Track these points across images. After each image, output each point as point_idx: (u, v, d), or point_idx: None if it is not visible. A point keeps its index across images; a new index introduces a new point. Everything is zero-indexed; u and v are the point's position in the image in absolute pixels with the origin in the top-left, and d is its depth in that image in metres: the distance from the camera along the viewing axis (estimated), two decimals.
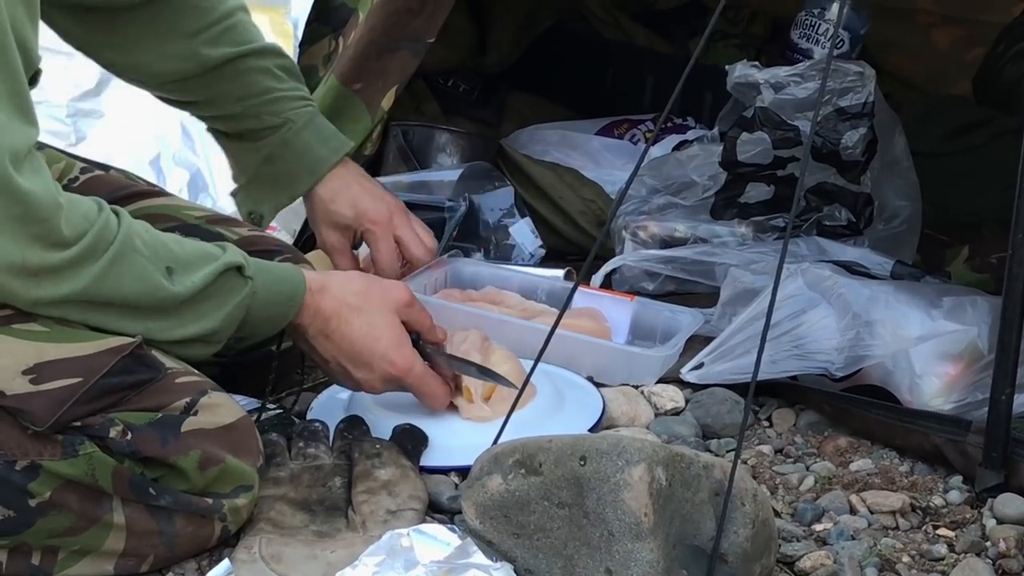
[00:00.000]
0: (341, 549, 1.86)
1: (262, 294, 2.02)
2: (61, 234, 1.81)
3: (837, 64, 2.90)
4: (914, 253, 3.03)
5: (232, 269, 1.98)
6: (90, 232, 1.84)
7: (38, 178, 1.81)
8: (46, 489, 1.82)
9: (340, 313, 2.12)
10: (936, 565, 1.99)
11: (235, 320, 1.99)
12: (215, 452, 1.89)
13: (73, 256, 1.83)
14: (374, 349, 2.14)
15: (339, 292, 2.13)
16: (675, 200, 3.03)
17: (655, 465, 1.74)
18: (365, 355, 2.14)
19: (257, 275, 2.01)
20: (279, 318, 2.08)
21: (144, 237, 1.92)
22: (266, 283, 2.03)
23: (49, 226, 1.80)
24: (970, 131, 3.42)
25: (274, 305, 2.06)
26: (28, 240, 1.79)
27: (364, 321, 2.14)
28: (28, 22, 1.84)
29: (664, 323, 2.67)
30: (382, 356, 2.15)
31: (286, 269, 2.11)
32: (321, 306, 2.11)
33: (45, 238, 1.80)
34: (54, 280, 1.83)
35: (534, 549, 1.79)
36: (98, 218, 1.86)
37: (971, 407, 2.30)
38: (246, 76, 2.47)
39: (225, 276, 1.97)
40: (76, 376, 1.83)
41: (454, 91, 3.70)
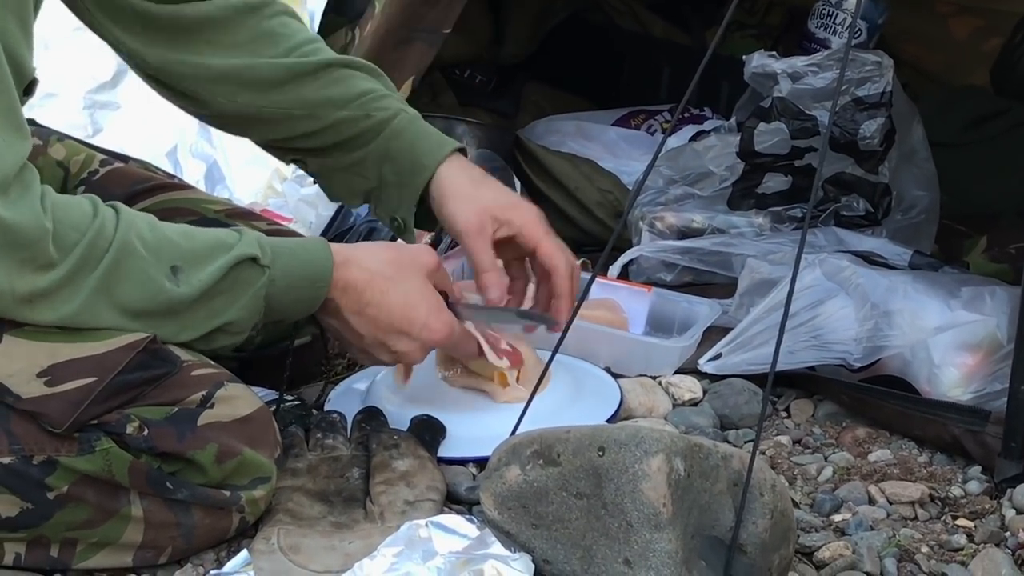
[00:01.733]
0: (359, 540, 1.86)
1: (283, 280, 1.96)
2: (49, 256, 1.79)
3: (855, 54, 2.89)
4: (932, 243, 3.02)
5: (246, 260, 1.93)
6: (80, 244, 1.82)
7: (24, 201, 1.78)
8: (63, 483, 1.82)
9: (373, 284, 2.05)
10: (955, 555, 1.99)
11: (255, 311, 1.96)
12: (232, 445, 1.88)
13: (63, 275, 1.81)
14: (413, 318, 2.08)
15: (368, 263, 2.06)
16: (692, 191, 3.03)
17: (673, 456, 1.74)
18: (404, 325, 2.07)
19: (276, 261, 1.96)
20: (309, 300, 2.02)
21: (146, 236, 1.88)
22: (287, 267, 1.97)
23: (36, 249, 1.78)
24: (988, 121, 3.42)
25: (299, 289, 1.99)
26: (16, 266, 1.78)
27: (400, 290, 2.06)
28: (20, 34, 1.82)
29: (682, 314, 2.66)
30: (423, 325, 2.08)
31: (311, 249, 2.03)
32: (351, 280, 2.03)
33: (33, 261, 1.78)
34: (49, 302, 1.82)
35: (552, 540, 1.79)
36: (91, 226, 1.83)
37: (990, 397, 2.29)
38: (346, 81, 2.33)
39: (239, 268, 1.93)
40: (91, 375, 1.83)
41: (470, 82, 3.70)
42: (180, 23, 2.23)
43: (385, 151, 2.31)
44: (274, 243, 1.98)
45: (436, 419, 2.17)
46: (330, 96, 2.30)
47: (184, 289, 1.89)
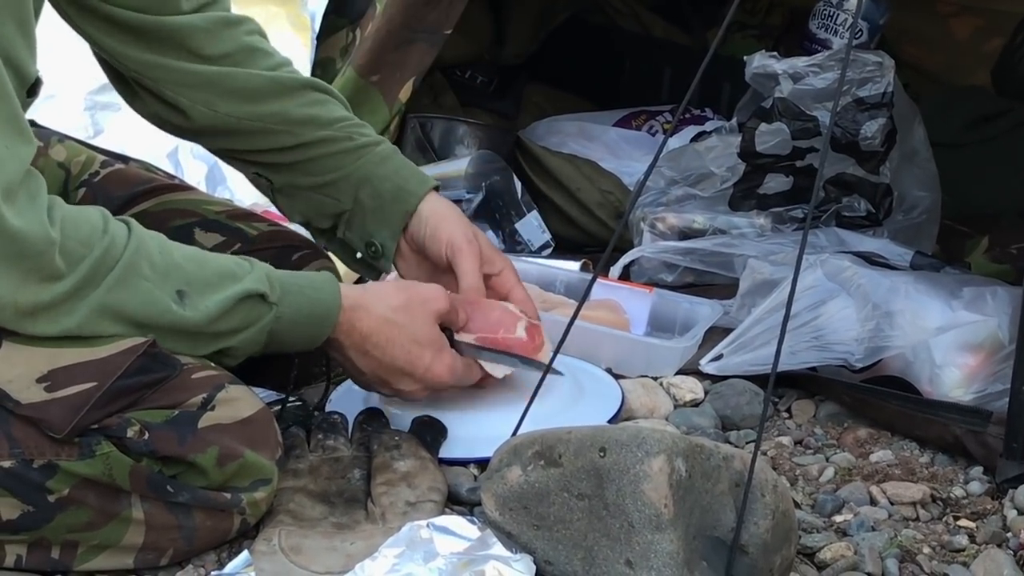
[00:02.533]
0: (360, 541, 1.86)
1: (289, 317, 1.98)
2: (55, 267, 1.79)
3: (856, 54, 2.90)
4: (933, 244, 3.02)
5: (254, 296, 1.94)
6: (88, 259, 1.82)
7: (31, 210, 1.78)
8: (64, 486, 1.81)
9: (380, 331, 2.08)
10: (957, 556, 1.99)
11: (256, 344, 1.97)
12: (233, 447, 1.88)
13: (68, 289, 1.81)
14: (416, 364, 2.11)
15: (377, 309, 2.08)
16: (693, 191, 3.03)
17: (675, 456, 1.74)
18: (408, 369, 2.11)
19: (284, 298, 1.97)
20: (312, 337, 2.04)
21: (155, 259, 1.88)
22: (295, 305, 1.98)
23: (42, 261, 1.78)
24: (989, 121, 3.42)
25: (304, 327, 2.01)
26: (20, 277, 1.77)
27: (406, 338, 2.10)
28: (18, 36, 1.81)
29: (683, 314, 2.67)
30: (426, 368, 2.12)
31: (320, 287, 2.04)
32: (357, 325, 2.06)
33: (38, 272, 1.78)
34: (52, 314, 1.82)
35: (554, 541, 1.79)
36: (100, 241, 1.83)
37: (991, 398, 2.29)
38: (326, 104, 2.34)
39: (246, 303, 1.93)
40: (91, 380, 1.82)
41: (471, 83, 3.70)
42: (164, 30, 2.22)
43: (366, 175, 2.32)
44: (284, 279, 1.99)
45: (437, 420, 2.17)
46: (312, 115, 2.31)
47: (190, 313, 1.89)
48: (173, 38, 2.22)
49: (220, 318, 1.92)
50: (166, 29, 2.22)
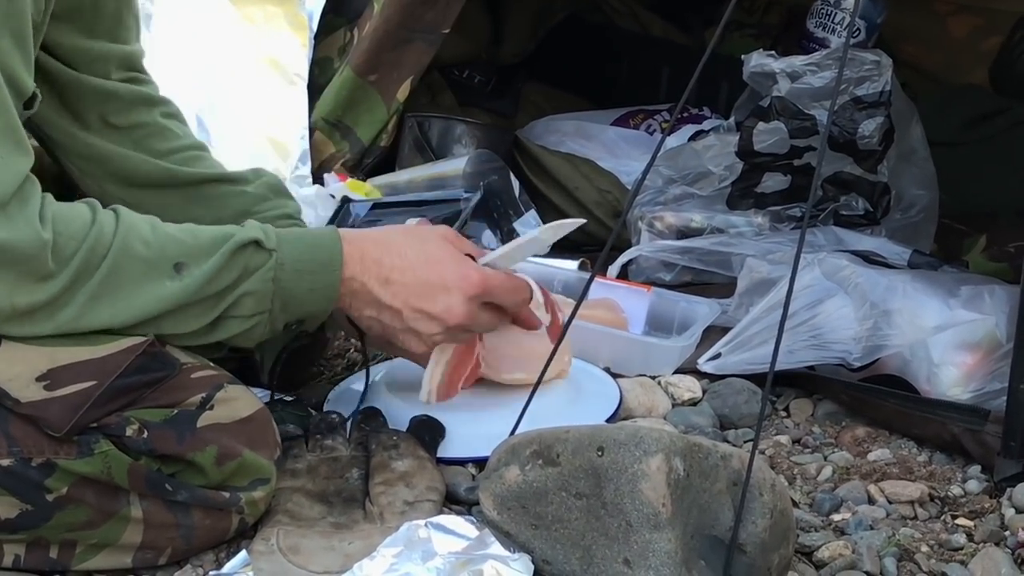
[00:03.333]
0: (359, 540, 1.86)
1: (292, 264, 1.93)
2: (47, 268, 1.79)
3: (854, 53, 2.90)
4: (931, 242, 3.02)
5: (250, 244, 1.91)
6: (78, 253, 1.81)
7: (22, 217, 1.77)
8: (62, 485, 1.81)
9: (391, 248, 2.01)
10: (955, 555, 1.99)
11: (264, 295, 1.93)
12: (232, 446, 1.88)
13: (62, 286, 1.81)
14: (444, 271, 2.03)
15: (379, 234, 2.04)
16: (691, 190, 3.03)
17: (673, 455, 1.74)
18: (436, 280, 2.02)
19: (283, 245, 1.93)
20: (325, 287, 1.97)
21: (148, 238, 1.87)
22: (294, 251, 1.94)
23: (36, 263, 1.78)
24: (987, 120, 3.42)
25: (312, 274, 1.95)
26: (13, 280, 1.77)
27: (419, 248, 2.03)
28: (16, 52, 1.81)
29: (681, 313, 2.67)
30: (455, 274, 2.03)
31: (316, 234, 2.00)
32: (366, 251, 2.00)
33: (32, 274, 1.78)
34: (48, 311, 1.82)
35: (552, 540, 1.79)
36: (89, 232, 1.83)
37: (989, 396, 2.30)
38: (220, 200, 2.28)
39: (242, 253, 1.90)
40: (90, 379, 1.82)
41: (469, 82, 3.70)
42: (83, 89, 2.19)
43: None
44: (279, 231, 1.95)
45: (435, 419, 2.17)
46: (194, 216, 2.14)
47: (187, 281, 1.88)
48: (89, 99, 2.19)
49: (218, 275, 1.89)
50: (85, 88, 2.19)
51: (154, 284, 1.87)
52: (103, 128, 2.22)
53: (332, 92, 3.19)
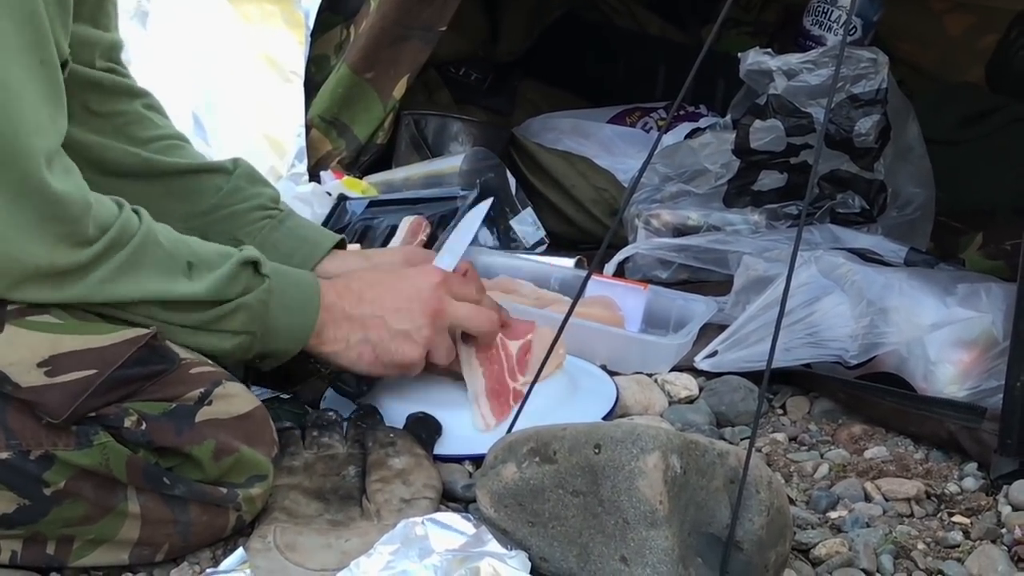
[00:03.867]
0: (356, 538, 1.86)
1: (278, 293, 2.00)
2: (87, 233, 1.82)
3: (850, 51, 2.89)
4: (928, 240, 3.02)
5: (249, 264, 1.97)
6: (114, 226, 1.85)
7: (69, 177, 1.82)
8: (60, 478, 1.82)
9: (365, 279, 2.12)
10: (951, 552, 1.99)
11: (256, 315, 1.98)
12: (229, 442, 1.88)
13: (98, 251, 1.84)
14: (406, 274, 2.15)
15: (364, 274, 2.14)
16: (688, 188, 3.03)
17: (670, 453, 1.74)
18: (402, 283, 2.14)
19: (274, 275, 2.00)
20: (300, 329, 2.05)
21: (165, 234, 1.93)
22: (281, 284, 2.01)
23: (79, 225, 1.81)
24: (983, 118, 3.43)
25: (291, 310, 2.03)
26: (55, 240, 1.80)
27: (395, 276, 2.14)
28: (58, 16, 1.83)
29: (677, 311, 2.67)
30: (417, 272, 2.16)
31: (299, 273, 2.09)
32: (341, 288, 2.09)
33: (72, 237, 1.81)
34: (79, 275, 1.84)
35: (549, 537, 1.79)
36: (120, 214, 1.87)
37: (986, 394, 2.30)
38: (197, 191, 2.31)
39: (245, 269, 1.96)
40: (91, 368, 1.83)
41: (466, 80, 3.70)
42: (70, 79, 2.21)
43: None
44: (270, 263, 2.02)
45: (432, 417, 2.17)
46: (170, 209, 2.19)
47: (197, 283, 1.92)
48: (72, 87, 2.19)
49: (227, 283, 1.94)
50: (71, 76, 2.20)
51: (172, 274, 1.91)
52: (85, 116, 2.22)
53: (328, 90, 3.19)
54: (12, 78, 1.76)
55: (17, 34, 1.76)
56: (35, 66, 1.79)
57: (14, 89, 1.76)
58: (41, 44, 1.79)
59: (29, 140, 1.76)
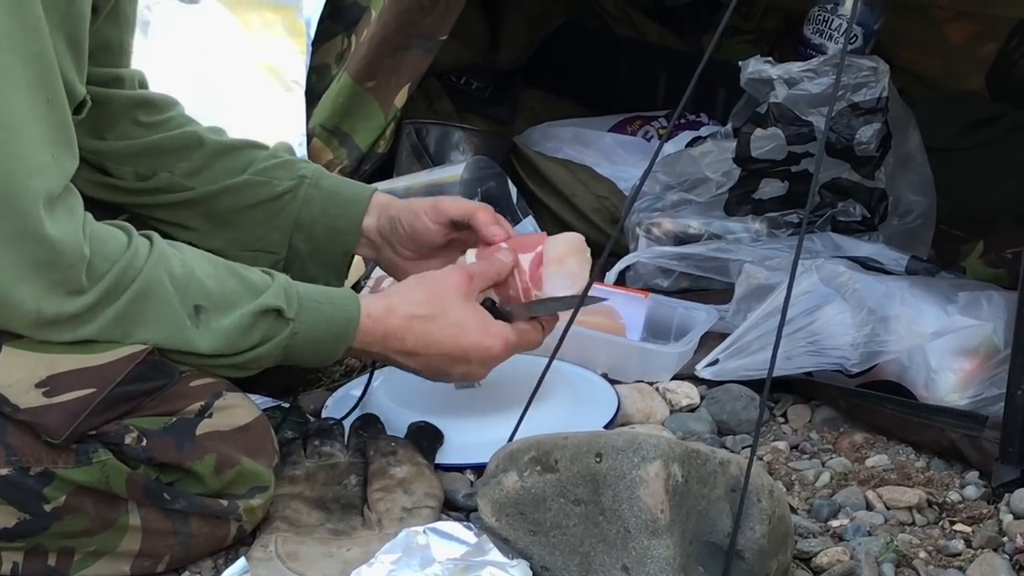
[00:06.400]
0: (357, 547, 1.86)
1: (305, 334, 1.96)
2: (80, 283, 1.80)
3: (851, 59, 2.89)
4: (929, 248, 3.02)
5: (271, 311, 1.93)
6: (110, 273, 1.82)
7: (69, 221, 1.79)
8: (60, 494, 1.82)
9: (413, 328, 2.04)
10: (953, 561, 1.99)
11: (270, 359, 1.96)
12: (231, 455, 1.88)
13: (90, 303, 1.82)
14: (465, 346, 2.07)
15: (404, 308, 2.05)
16: (689, 196, 3.03)
17: (671, 462, 1.74)
18: (459, 354, 2.07)
19: (302, 314, 1.95)
20: (328, 354, 2.03)
21: (175, 271, 1.88)
22: (311, 322, 1.96)
23: (72, 274, 1.79)
24: (984, 126, 3.42)
25: (320, 343, 1.99)
26: (46, 288, 1.78)
27: (443, 323, 2.06)
28: (69, 56, 1.82)
29: (679, 320, 2.67)
30: (476, 347, 2.07)
31: (339, 304, 2.01)
32: (390, 329, 2.03)
33: (64, 286, 1.79)
34: (71, 325, 1.82)
35: (550, 546, 1.79)
36: (122, 256, 1.84)
37: (987, 402, 2.30)
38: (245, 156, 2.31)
39: (262, 319, 1.93)
40: (90, 387, 1.83)
41: (467, 89, 3.70)
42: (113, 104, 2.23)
43: (294, 222, 2.29)
44: (302, 295, 1.97)
45: (434, 426, 2.17)
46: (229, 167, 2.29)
47: (203, 332, 1.89)
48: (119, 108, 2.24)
49: (237, 337, 1.91)
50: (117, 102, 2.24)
51: (176, 323, 1.88)
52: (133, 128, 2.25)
53: (330, 99, 3.19)
54: (15, 117, 1.75)
55: (23, 72, 1.75)
56: (40, 105, 1.77)
57: (15, 129, 1.74)
58: (47, 83, 1.78)
59: (28, 181, 1.75)
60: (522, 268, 2.17)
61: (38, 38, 1.76)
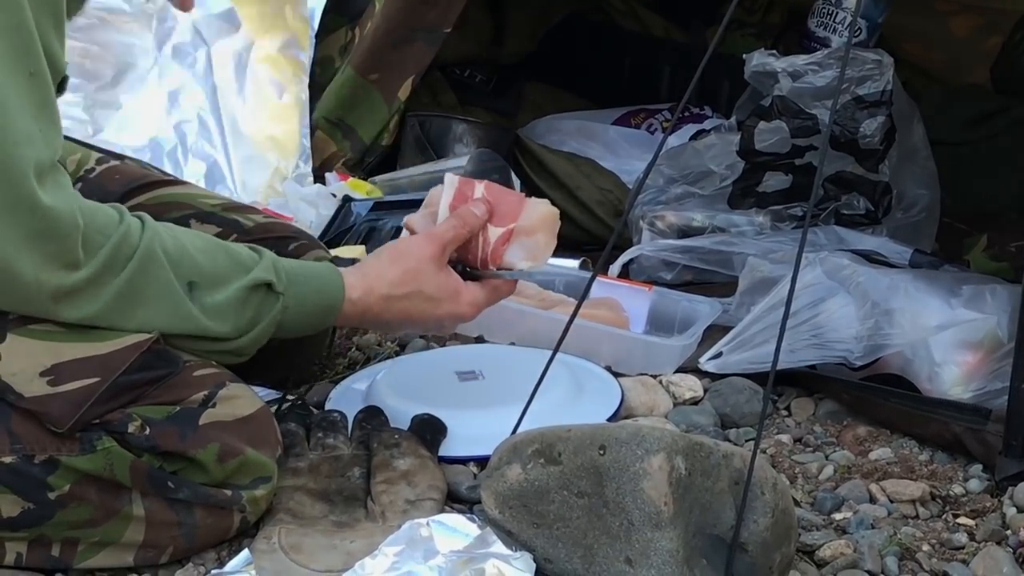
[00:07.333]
0: (360, 539, 1.86)
1: (295, 308, 1.99)
2: (76, 254, 1.79)
3: (855, 52, 2.90)
4: (932, 242, 3.02)
5: (262, 286, 1.95)
6: (106, 247, 1.82)
7: (60, 193, 1.79)
8: (64, 483, 1.82)
9: (391, 308, 2.09)
10: (956, 554, 1.99)
11: (264, 335, 1.98)
12: (234, 444, 1.88)
13: (88, 276, 1.81)
14: (439, 315, 2.14)
15: (380, 289, 2.08)
16: (693, 189, 3.03)
17: (674, 454, 1.74)
18: (433, 322, 2.16)
19: (290, 288, 1.98)
20: (317, 326, 2.07)
21: (168, 247, 1.89)
22: (300, 296, 1.99)
23: (67, 244, 1.78)
24: (988, 119, 3.42)
25: (309, 316, 2.02)
26: (44, 259, 1.77)
27: (418, 302, 2.11)
28: (53, 31, 1.82)
29: (682, 313, 2.67)
30: (449, 316, 2.15)
31: (324, 277, 2.05)
32: (368, 307, 2.07)
33: (60, 257, 1.78)
34: (72, 301, 1.82)
35: (553, 539, 1.79)
36: (116, 230, 1.84)
37: (990, 395, 2.29)
38: None
39: (254, 293, 1.94)
40: (94, 375, 1.83)
41: (471, 82, 3.70)
42: None
43: None
44: (289, 269, 2.00)
45: (437, 418, 2.17)
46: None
47: (197, 308, 1.90)
48: None
49: (229, 311, 1.93)
50: None
51: (175, 296, 1.88)
52: None
53: (333, 91, 3.19)
54: None
55: (2, 44, 1.74)
56: (23, 78, 1.76)
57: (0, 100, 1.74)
58: (30, 57, 1.76)
59: (16, 151, 1.74)
60: (487, 239, 2.19)
61: (17, 11, 1.74)
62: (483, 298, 2.17)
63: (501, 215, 2.19)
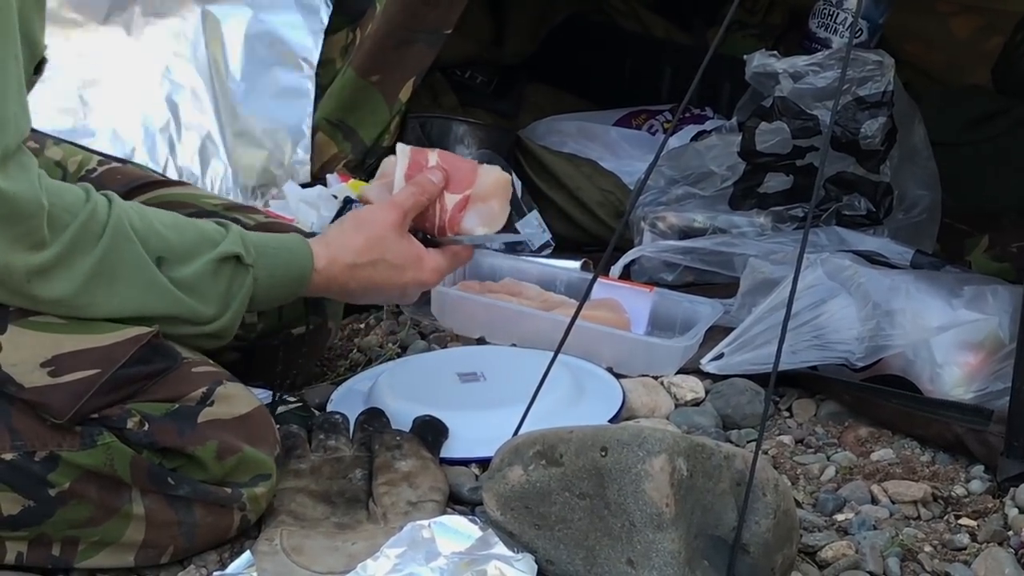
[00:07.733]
0: (362, 541, 1.86)
1: (265, 280, 2.00)
2: (42, 234, 1.79)
3: (856, 53, 2.89)
4: (934, 242, 3.02)
5: (231, 258, 1.96)
6: (72, 225, 1.82)
7: (23, 176, 1.78)
8: (65, 479, 1.82)
9: (356, 277, 2.12)
10: (958, 555, 1.99)
11: (240, 311, 1.98)
12: (232, 442, 1.88)
13: (56, 254, 1.81)
14: (403, 282, 2.17)
15: (344, 258, 2.10)
16: (694, 190, 3.03)
17: (676, 455, 1.74)
18: (397, 289, 2.18)
19: (259, 260, 1.99)
20: (286, 297, 2.08)
21: (136, 224, 1.89)
22: (270, 267, 2.01)
23: (32, 225, 1.78)
24: (989, 120, 3.42)
25: (280, 287, 2.04)
26: (10, 242, 1.77)
27: (382, 270, 2.14)
28: (35, 14, 1.83)
29: (683, 314, 2.67)
30: (413, 282, 2.18)
31: (292, 248, 2.07)
32: (333, 277, 2.09)
33: (26, 238, 1.78)
34: (45, 280, 1.82)
35: (555, 540, 1.79)
36: (83, 208, 1.84)
37: (992, 396, 2.29)
38: None
39: (223, 265, 1.95)
40: (94, 367, 1.83)
41: (471, 83, 3.70)
42: None
43: None
44: (256, 242, 2.01)
45: (439, 420, 2.17)
46: None
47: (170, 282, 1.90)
48: None
49: (199, 285, 1.93)
50: None
51: (148, 270, 1.88)
52: None
53: (334, 93, 3.19)
54: None
55: None
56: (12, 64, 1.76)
57: None
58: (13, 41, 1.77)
59: None
60: (444, 207, 2.23)
61: None
62: (445, 264, 2.21)
63: (456, 182, 2.24)
